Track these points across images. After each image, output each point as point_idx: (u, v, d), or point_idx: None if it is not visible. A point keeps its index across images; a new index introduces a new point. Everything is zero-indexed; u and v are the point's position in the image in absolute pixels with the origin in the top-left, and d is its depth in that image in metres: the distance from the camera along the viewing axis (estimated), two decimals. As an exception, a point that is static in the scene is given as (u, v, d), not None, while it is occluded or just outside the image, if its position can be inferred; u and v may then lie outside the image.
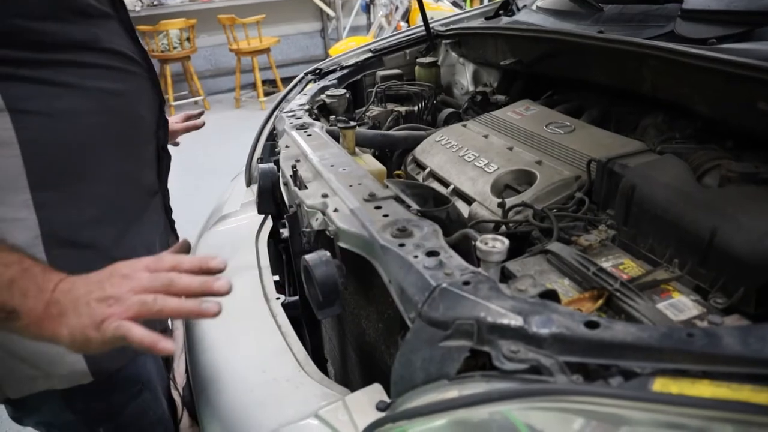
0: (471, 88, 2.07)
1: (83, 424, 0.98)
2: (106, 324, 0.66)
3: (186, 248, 0.83)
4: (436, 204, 1.05)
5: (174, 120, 1.51)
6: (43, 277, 0.69)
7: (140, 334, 0.66)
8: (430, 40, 2.16)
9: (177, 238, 1.21)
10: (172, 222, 1.24)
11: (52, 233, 0.83)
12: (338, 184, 1.06)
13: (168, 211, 1.22)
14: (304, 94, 1.85)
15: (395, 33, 2.43)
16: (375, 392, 0.81)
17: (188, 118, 1.57)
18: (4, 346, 0.87)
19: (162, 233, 1.09)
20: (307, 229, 1.07)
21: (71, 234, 0.87)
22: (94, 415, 0.98)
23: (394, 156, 1.73)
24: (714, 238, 0.87)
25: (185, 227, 1.24)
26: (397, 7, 6.90)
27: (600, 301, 0.82)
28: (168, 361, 1.31)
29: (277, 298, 1.29)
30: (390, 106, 1.92)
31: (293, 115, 1.61)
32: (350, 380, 1.31)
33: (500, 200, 1.15)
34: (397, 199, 1.00)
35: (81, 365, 0.91)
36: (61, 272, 0.71)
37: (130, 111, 0.94)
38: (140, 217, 1.03)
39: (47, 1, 0.79)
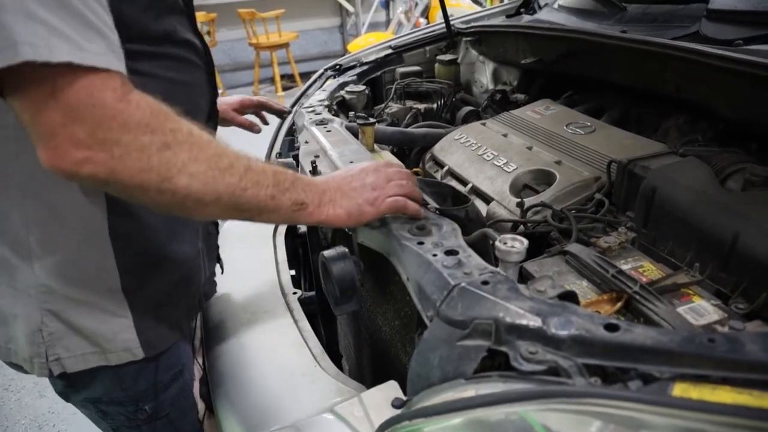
0: (490, 87, 2.06)
1: (130, 401, 1.02)
2: (379, 201, 0.90)
3: None
4: (454, 202, 1.05)
5: (231, 105, 1.50)
6: (305, 178, 0.88)
7: (413, 206, 0.92)
8: (450, 37, 2.15)
9: (216, 226, 1.24)
10: None
11: (117, 200, 0.86)
12: (357, 181, 1.07)
13: None
14: (324, 90, 1.85)
15: (415, 30, 2.42)
16: (391, 389, 0.82)
17: (256, 108, 1.57)
18: (67, 323, 0.91)
19: (204, 223, 1.12)
20: (326, 225, 1.08)
21: (131, 205, 0.90)
22: (140, 393, 1.02)
23: (412, 153, 1.73)
24: (736, 242, 0.86)
25: (206, 220, 1.27)
26: (416, 4, 6.88)
27: (619, 304, 0.81)
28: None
29: (294, 293, 1.30)
30: (409, 103, 1.92)
31: (313, 111, 1.62)
32: (364, 376, 1.31)
33: (519, 200, 1.15)
34: (416, 196, 1.00)
35: (134, 343, 0.95)
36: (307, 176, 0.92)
37: (191, 100, 0.97)
38: None
39: None
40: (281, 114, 1.73)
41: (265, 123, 1.67)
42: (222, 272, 1.31)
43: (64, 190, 0.84)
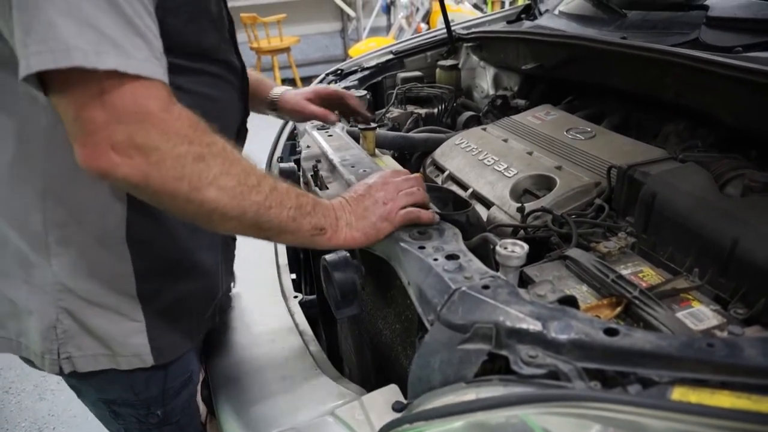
0: (491, 92, 2.07)
1: (142, 405, 1.02)
2: (392, 215, 0.91)
3: None
4: (455, 207, 1.06)
5: (305, 95, 1.38)
6: (325, 202, 0.90)
7: (427, 214, 0.93)
8: (451, 43, 2.16)
9: (234, 240, 1.23)
10: None
11: (139, 207, 0.87)
12: (359, 186, 1.07)
13: None
14: (325, 95, 1.85)
15: (416, 35, 2.43)
16: (391, 393, 0.82)
17: (332, 98, 1.43)
18: (80, 322, 0.91)
19: (224, 236, 1.12)
20: (327, 229, 1.08)
21: (154, 213, 0.90)
22: (152, 398, 1.02)
23: (413, 158, 1.73)
24: (735, 247, 0.86)
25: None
26: (417, 9, 6.90)
27: (618, 309, 0.82)
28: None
29: (295, 297, 1.31)
30: (410, 108, 1.92)
31: (314, 115, 1.62)
32: (365, 380, 1.32)
33: (519, 205, 1.15)
34: (417, 201, 1.01)
35: (145, 349, 0.95)
36: (326, 200, 0.92)
37: (223, 118, 0.97)
38: None
39: (193, 7, 0.83)
40: (366, 119, 1.47)
41: (347, 120, 1.53)
42: (234, 286, 1.31)
43: (84, 194, 0.85)
